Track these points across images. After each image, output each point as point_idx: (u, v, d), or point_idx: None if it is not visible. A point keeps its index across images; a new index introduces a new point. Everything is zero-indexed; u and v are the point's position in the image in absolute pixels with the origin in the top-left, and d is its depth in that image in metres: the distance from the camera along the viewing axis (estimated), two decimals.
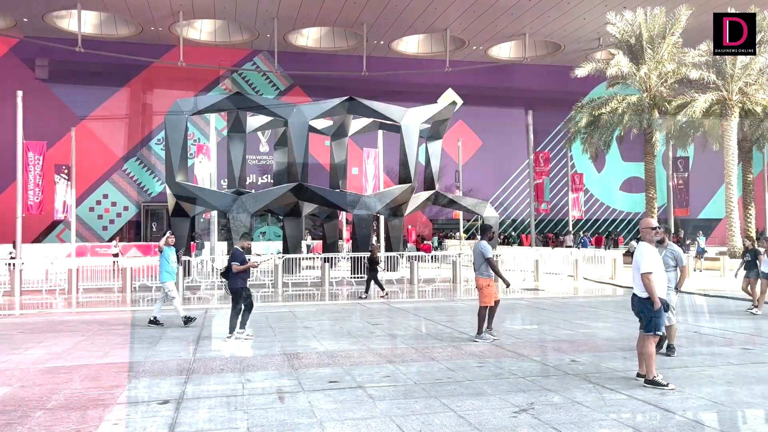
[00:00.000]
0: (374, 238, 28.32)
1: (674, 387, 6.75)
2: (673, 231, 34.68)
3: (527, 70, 47.33)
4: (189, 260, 20.90)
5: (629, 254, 30.11)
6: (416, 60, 45.56)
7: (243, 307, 10.21)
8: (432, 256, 25.94)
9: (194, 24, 40.88)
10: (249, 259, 10.57)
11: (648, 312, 6.93)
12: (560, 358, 8.52)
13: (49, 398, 6.63)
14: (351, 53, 43.76)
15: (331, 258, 21.59)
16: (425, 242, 39.29)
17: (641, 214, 42.06)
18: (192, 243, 27.01)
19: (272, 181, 33.47)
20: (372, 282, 16.70)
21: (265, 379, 7.39)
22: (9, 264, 19.91)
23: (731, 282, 15.01)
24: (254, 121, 28.35)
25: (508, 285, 9.87)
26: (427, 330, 11.01)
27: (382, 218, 28.33)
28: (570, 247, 33.39)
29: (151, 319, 11.79)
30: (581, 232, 43.00)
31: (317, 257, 22.59)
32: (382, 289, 16.57)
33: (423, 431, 5.44)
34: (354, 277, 20.78)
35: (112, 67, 39.84)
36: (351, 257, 21.66)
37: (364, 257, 21.07)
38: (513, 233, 45.01)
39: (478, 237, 9.95)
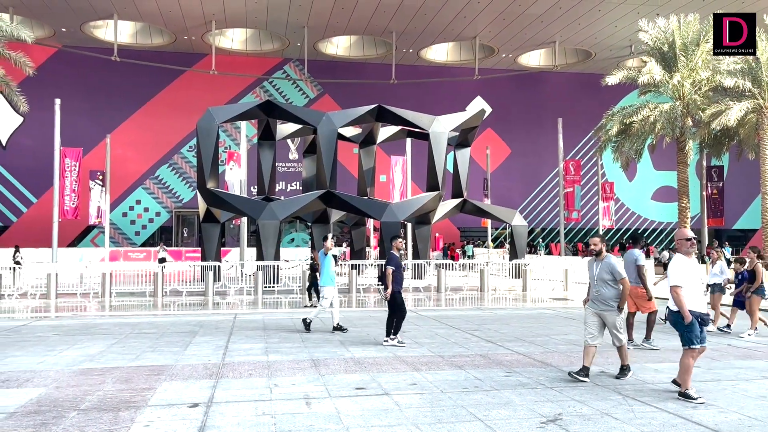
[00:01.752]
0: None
1: (704, 401, 6.63)
2: (707, 242, 33.97)
3: (557, 78, 47.02)
4: (219, 266, 21.18)
5: (661, 264, 29.57)
6: (445, 68, 45.56)
7: (397, 311, 10.24)
8: (460, 264, 25.83)
9: (226, 33, 41.60)
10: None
11: (681, 326, 6.83)
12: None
13: (83, 399, 6.78)
14: (380, 61, 44.01)
15: (359, 265, 21.64)
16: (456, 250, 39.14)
17: (674, 224, 41.33)
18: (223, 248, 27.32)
19: (301, 188, 33.76)
20: (313, 290, 15.73)
21: (293, 385, 7.44)
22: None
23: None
24: (284, 128, 28.67)
25: (650, 298, 10.05)
26: (455, 339, 10.96)
27: (409, 226, 28.33)
28: None
29: (306, 320, 11.85)
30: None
31: (344, 264, 22.67)
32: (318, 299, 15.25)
33: None
34: (381, 285, 20.75)
35: (147, 75, 40.74)
36: (378, 264, 21.69)
37: None
38: (541, 241, 44.57)
39: (632, 246, 10.22)
